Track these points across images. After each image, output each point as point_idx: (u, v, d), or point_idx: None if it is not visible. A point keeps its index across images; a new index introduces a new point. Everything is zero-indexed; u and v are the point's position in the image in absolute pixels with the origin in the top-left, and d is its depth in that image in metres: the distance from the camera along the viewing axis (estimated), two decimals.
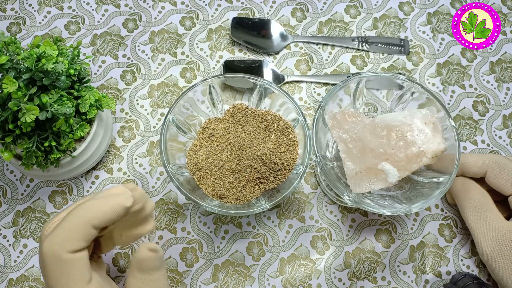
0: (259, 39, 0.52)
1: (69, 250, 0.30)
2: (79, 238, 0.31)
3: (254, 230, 0.46)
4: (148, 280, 0.34)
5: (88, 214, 0.31)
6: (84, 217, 0.31)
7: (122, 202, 0.32)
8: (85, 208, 0.31)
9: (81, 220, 0.31)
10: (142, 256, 0.34)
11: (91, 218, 0.31)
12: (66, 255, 0.30)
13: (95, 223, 0.31)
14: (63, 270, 0.30)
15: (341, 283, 0.44)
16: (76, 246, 0.31)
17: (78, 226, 0.31)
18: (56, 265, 0.30)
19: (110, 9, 0.53)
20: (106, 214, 0.31)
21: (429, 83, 0.52)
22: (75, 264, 0.30)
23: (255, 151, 0.40)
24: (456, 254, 0.46)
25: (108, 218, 0.31)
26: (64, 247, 0.30)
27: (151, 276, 0.34)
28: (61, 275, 0.30)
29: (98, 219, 0.31)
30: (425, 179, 0.40)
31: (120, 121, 0.49)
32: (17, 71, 0.36)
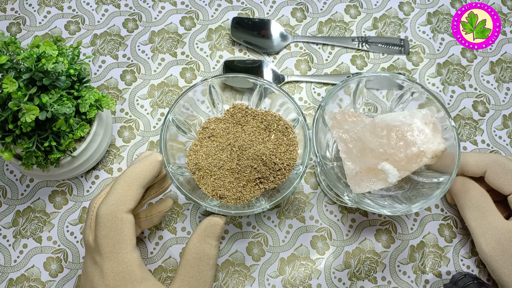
0: (259, 39, 0.52)
1: (123, 209, 0.34)
2: (131, 198, 0.35)
3: (254, 230, 0.46)
4: (211, 245, 0.37)
5: (134, 177, 0.35)
6: (130, 180, 0.35)
7: (155, 158, 0.36)
8: (129, 173, 0.35)
9: (130, 182, 0.35)
10: (214, 222, 0.38)
11: (137, 179, 0.35)
12: (122, 215, 0.34)
13: (141, 182, 0.35)
14: (117, 229, 0.34)
15: (341, 283, 0.44)
16: (129, 205, 0.35)
17: (128, 187, 0.35)
18: (111, 224, 0.34)
19: (110, 9, 0.53)
20: (147, 172, 0.36)
21: (429, 83, 0.52)
22: (127, 224, 0.34)
23: (255, 151, 0.40)
24: (456, 254, 0.46)
25: (150, 175, 0.36)
26: (119, 207, 0.34)
27: (214, 242, 0.37)
28: (115, 234, 0.34)
29: (143, 178, 0.35)
30: (425, 179, 0.40)
31: (120, 121, 0.49)
32: (17, 71, 0.36)
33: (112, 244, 0.34)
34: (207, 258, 0.37)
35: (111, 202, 0.34)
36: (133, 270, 0.34)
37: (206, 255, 0.37)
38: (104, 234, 0.34)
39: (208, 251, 0.37)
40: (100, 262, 0.34)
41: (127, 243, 0.34)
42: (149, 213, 0.41)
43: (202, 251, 0.37)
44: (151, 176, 0.36)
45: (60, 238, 0.45)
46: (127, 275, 0.34)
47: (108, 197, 0.35)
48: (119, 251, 0.34)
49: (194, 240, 0.37)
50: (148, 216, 0.41)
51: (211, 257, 0.37)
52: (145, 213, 0.41)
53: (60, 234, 0.45)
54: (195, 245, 0.37)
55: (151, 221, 0.41)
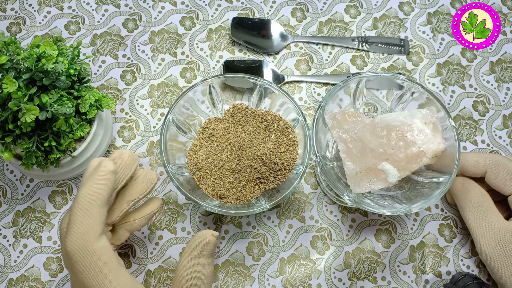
0: (259, 39, 0.52)
1: (93, 238, 0.31)
2: (96, 223, 0.32)
3: (254, 230, 0.46)
4: (204, 263, 0.35)
5: (89, 199, 0.32)
6: (87, 204, 0.32)
7: (105, 169, 0.32)
8: (82, 197, 0.32)
9: (87, 208, 0.32)
10: (206, 240, 0.35)
11: (93, 201, 0.32)
12: (92, 246, 0.31)
13: (100, 203, 0.32)
14: (93, 261, 0.31)
15: (341, 283, 0.44)
16: (97, 231, 0.32)
17: (87, 214, 0.31)
18: (85, 258, 0.31)
19: (110, 9, 0.53)
20: (101, 188, 0.32)
21: (429, 83, 0.52)
22: (102, 252, 0.31)
23: (255, 151, 0.40)
24: (456, 254, 0.46)
25: (105, 190, 0.32)
26: (87, 238, 0.31)
27: (207, 260, 0.35)
28: (92, 267, 0.31)
29: (99, 197, 0.32)
30: (425, 179, 0.40)
31: (120, 121, 0.49)
32: (17, 71, 0.36)
33: (94, 277, 0.31)
34: (201, 278, 0.35)
35: (76, 236, 0.31)
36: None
37: (200, 275, 0.35)
38: (81, 271, 0.31)
39: (202, 270, 0.35)
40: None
41: (109, 271, 0.32)
42: (136, 216, 0.38)
43: (195, 272, 0.35)
44: (107, 191, 0.32)
45: (60, 238, 0.45)
46: None
47: (71, 230, 0.32)
48: (103, 282, 0.31)
49: (185, 261, 0.35)
50: (136, 220, 0.38)
51: (205, 276, 0.35)
52: (133, 217, 0.38)
53: None
54: (187, 266, 0.35)
55: (140, 224, 0.38)
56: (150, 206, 0.39)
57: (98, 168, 0.33)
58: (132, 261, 0.44)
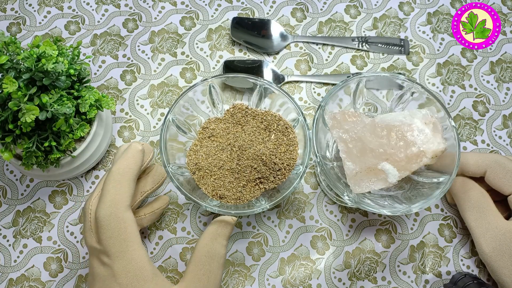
0: (259, 39, 0.52)
1: (123, 208, 0.34)
2: (125, 195, 0.35)
3: (254, 230, 0.46)
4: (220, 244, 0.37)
5: (121, 173, 0.36)
6: (119, 177, 0.35)
7: (135, 149, 0.37)
8: (116, 171, 0.36)
9: (119, 180, 0.35)
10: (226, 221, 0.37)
11: (125, 174, 0.36)
12: (122, 214, 0.34)
13: (130, 176, 0.36)
14: (121, 229, 0.34)
15: (341, 283, 0.44)
16: (126, 202, 0.35)
17: (120, 185, 0.35)
18: (114, 225, 0.34)
19: (110, 9, 0.53)
20: (131, 165, 0.36)
21: (429, 83, 0.52)
22: (129, 223, 0.35)
23: (255, 151, 0.40)
24: (456, 254, 0.46)
25: (135, 167, 0.36)
26: (118, 207, 0.34)
27: (224, 241, 0.37)
28: (119, 234, 0.34)
29: (130, 172, 0.36)
30: (425, 179, 0.40)
31: (120, 121, 0.49)
32: (17, 71, 0.36)
33: (119, 244, 0.34)
34: (218, 257, 0.37)
35: (108, 204, 0.34)
36: (144, 267, 0.34)
37: (217, 254, 0.37)
38: (109, 236, 0.34)
39: (219, 250, 0.37)
40: (110, 263, 0.34)
41: (133, 241, 0.34)
42: (146, 211, 0.41)
43: (213, 250, 0.37)
44: (137, 167, 0.36)
45: (60, 238, 0.45)
46: (139, 272, 0.34)
47: (103, 199, 0.35)
48: (127, 250, 0.34)
49: (206, 239, 0.37)
50: (146, 214, 0.41)
51: (221, 256, 0.37)
52: (143, 212, 0.41)
53: (60, 234, 0.45)
54: (207, 244, 0.37)
55: (149, 219, 0.41)
56: (159, 202, 0.42)
57: (128, 148, 0.37)
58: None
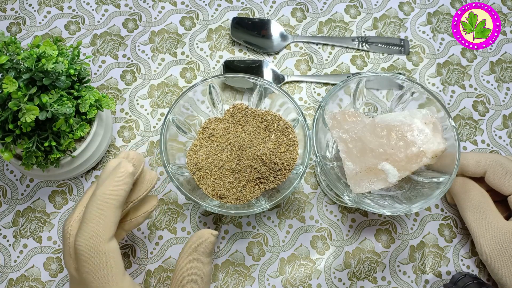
0: (259, 39, 0.52)
1: (105, 240, 0.31)
2: (109, 225, 0.31)
3: (254, 230, 0.46)
4: (204, 263, 0.35)
5: (106, 199, 0.31)
6: (104, 204, 0.31)
7: (125, 171, 0.32)
8: (99, 197, 0.32)
9: (103, 208, 0.31)
10: (206, 239, 0.35)
11: (109, 202, 0.31)
12: (104, 247, 0.31)
13: (116, 204, 0.32)
14: (102, 262, 0.31)
15: (341, 283, 0.44)
16: (110, 233, 0.31)
17: (103, 214, 0.31)
18: (94, 258, 0.31)
19: (110, 9, 0.53)
20: (119, 190, 0.32)
21: (429, 83, 0.52)
22: (112, 255, 0.31)
23: (255, 151, 0.40)
24: (456, 254, 0.46)
25: (123, 191, 0.32)
26: (99, 239, 0.31)
27: (206, 259, 0.35)
28: (100, 268, 0.31)
29: (116, 199, 0.32)
30: (425, 179, 0.40)
31: (120, 121, 0.49)
32: (17, 71, 0.36)
33: (100, 279, 0.31)
34: (200, 277, 0.35)
35: (89, 235, 0.31)
36: None
37: (199, 274, 0.35)
38: (89, 270, 0.31)
39: (201, 269, 0.35)
40: None
41: (115, 274, 0.31)
42: (133, 215, 0.37)
43: (194, 271, 0.35)
44: (124, 193, 0.32)
45: (60, 238, 0.45)
46: None
47: (84, 229, 0.31)
48: (108, 284, 0.31)
49: (184, 260, 0.35)
50: (132, 219, 0.37)
51: (204, 275, 0.35)
52: (129, 216, 0.37)
53: (60, 234, 0.45)
54: (186, 266, 0.35)
55: (135, 223, 0.37)
56: (147, 205, 0.38)
57: (117, 169, 0.33)
58: (132, 261, 0.44)
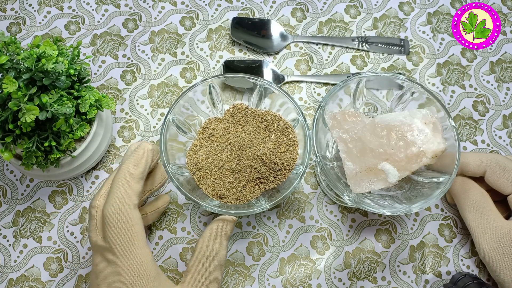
0: (259, 39, 0.52)
1: (130, 206, 0.35)
2: (134, 193, 0.35)
3: (254, 230, 0.46)
4: (221, 244, 0.37)
5: (131, 171, 0.36)
6: (129, 175, 0.35)
7: (145, 148, 0.37)
8: (125, 169, 0.36)
9: (129, 178, 0.35)
10: (227, 220, 0.37)
11: (134, 173, 0.36)
12: (130, 212, 0.34)
13: (139, 175, 0.36)
14: (127, 227, 0.34)
15: (341, 283, 0.44)
16: (134, 201, 0.35)
17: (129, 183, 0.35)
18: (121, 223, 0.34)
19: (110, 9, 0.53)
20: (141, 163, 0.36)
21: (429, 83, 0.52)
22: (136, 221, 0.35)
23: (255, 151, 0.40)
24: (456, 254, 0.46)
25: (145, 166, 0.36)
26: (126, 205, 0.34)
27: (224, 241, 0.37)
28: (126, 232, 0.34)
29: (139, 171, 0.36)
30: (425, 179, 0.40)
31: (120, 121, 0.49)
32: (17, 71, 0.36)
33: (125, 242, 0.34)
34: (218, 257, 0.37)
35: (116, 201, 0.34)
36: (148, 266, 0.34)
37: (217, 254, 0.37)
38: (115, 233, 0.34)
39: (219, 250, 0.37)
40: (114, 261, 0.34)
41: (139, 239, 0.34)
42: (148, 210, 0.42)
43: (213, 250, 0.37)
44: (146, 167, 0.37)
45: (60, 238, 0.45)
46: (143, 271, 0.34)
47: (112, 196, 0.35)
48: (132, 248, 0.34)
49: (205, 239, 0.37)
50: (148, 213, 0.42)
51: (221, 256, 0.37)
52: (145, 210, 0.42)
53: (60, 234, 0.45)
54: (207, 244, 0.37)
55: (151, 218, 0.42)
56: (160, 201, 0.43)
57: (139, 147, 0.37)
58: None
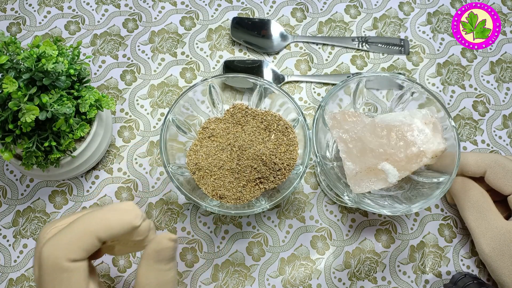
0: (259, 39, 0.52)
1: (70, 259, 0.29)
2: (81, 248, 0.29)
3: (254, 230, 0.46)
4: (164, 270, 0.33)
5: (94, 225, 0.30)
6: (89, 227, 0.30)
7: (131, 219, 0.31)
8: (92, 218, 0.30)
9: (86, 230, 0.30)
10: (162, 246, 0.32)
11: (97, 230, 0.30)
12: (66, 264, 0.29)
13: (100, 236, 0.30)
14: (61, 279, 0.29)
15: (341, 283, 0.44)
16: (78, 255, 0.29)
17: (83, 235, 0.30)
18: (54, 272, 0.29)
19: (110, 9, 0.53)
20: (113, 228, 0.30)
21: (429, 83, 0.52)
22: (73, 274, 0.29)
23: (255, 151, 0.40)
24: (456, 254, 0.46)
25: (114, 232, 0.30)
26: (65, 255, 0.29)
27: (167, 266, 0.33)
28: (59, 284, 0.29)
29: (104, 231, 0.30)
30: (425, 179, 0.40)
31: (120, 121, 0.49)
32: (17, 71, 0.36)
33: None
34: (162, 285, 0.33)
35: (58, 246, 0.29)
36: None
37: (160, 282, 0.32)
38: (47, 281, 0.29)
39: (161, 277, 0.32)
40: None
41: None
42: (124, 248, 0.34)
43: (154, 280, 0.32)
44: (115, 233, 0.30)
45: None
46: None
47: (56, 238, 0.30)
48: None
49: (143, 270, 0.32)
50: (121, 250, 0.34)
51: (167, 282, 0.33)
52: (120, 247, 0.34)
53: None
54: (144, 274, 0.32)
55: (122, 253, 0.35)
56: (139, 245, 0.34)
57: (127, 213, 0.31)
58: (132, 261, 0.44)
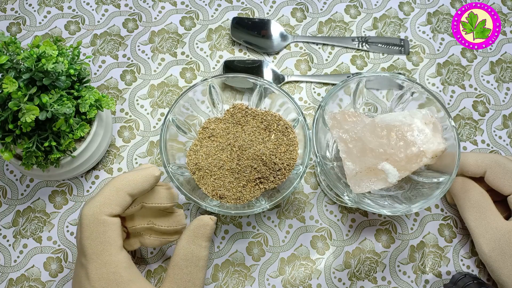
0: (259, 39, 0.52)
1: (106, 213, 0.34)
2: (115, 203, 0.34)
3: (254, 230, 0.46)
4: (201, 246, 0.37)
5: (124, 183, 0.35)
6: (120, 186, 0.35)
7: (151, 171, 0.36)
8: (120, 179, 0.35)
9: (118, 188, 0.35)
10: (204, 222, 0.37)
11: (126, 186, 0.35)
12: (103, 217, 0.34)
13: (130, 191, 0.35)
14: (98, 232, 0.34)
15: (341, 283, 0.44)
16: (113, 210, 0.34)
17: (115, 192, 0.35)
18: (93, 226, 0.34)
19: (110, 9, 0.53)
20: (138, 182, 0.35)
21: (429, 83, 0.52)
22: (110, 227, 0.34)
23: (255, 151, 0.40)
24: (456, 254, 0.46)
25: (140, 186, 0.35)
26: (102, 210, 0.34)
27: (204, 243, 0.37)
28: (97, 235, 0.34)
29: (132, 186, 0.35)
30: (425, 179, 0.40)
31: (120, 121, 0.49)
32: (17, 71, 0.36)
33: (95, 246, 0.33)
34: (196, 259, 0.36)
35: (95, 204, 0.34)
36: (118, 272, 0.34)
37: (195, 256, 0.36)
38: (87, 236, 0.34)
39: (198, 252, 0.36)
40: (85, 264, 0.34)
41: (111, 245, 0.34)
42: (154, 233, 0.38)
43: (191, 253, 0.36)
44: (142, 187, 0.36)
45: (60, 238, 0.45)
46: (112, 277, 0.33)
47: (94, 199, 0.35)
48: (103, 253, 0.33)
49: (183, 242, 0.37)
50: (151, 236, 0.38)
51: (200, 258, 0.37)
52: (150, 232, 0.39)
53: (60, 234, 0.45)
54: (184, 247, 0.36)
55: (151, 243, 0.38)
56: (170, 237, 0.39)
57: (146, 169, 0.36)
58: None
